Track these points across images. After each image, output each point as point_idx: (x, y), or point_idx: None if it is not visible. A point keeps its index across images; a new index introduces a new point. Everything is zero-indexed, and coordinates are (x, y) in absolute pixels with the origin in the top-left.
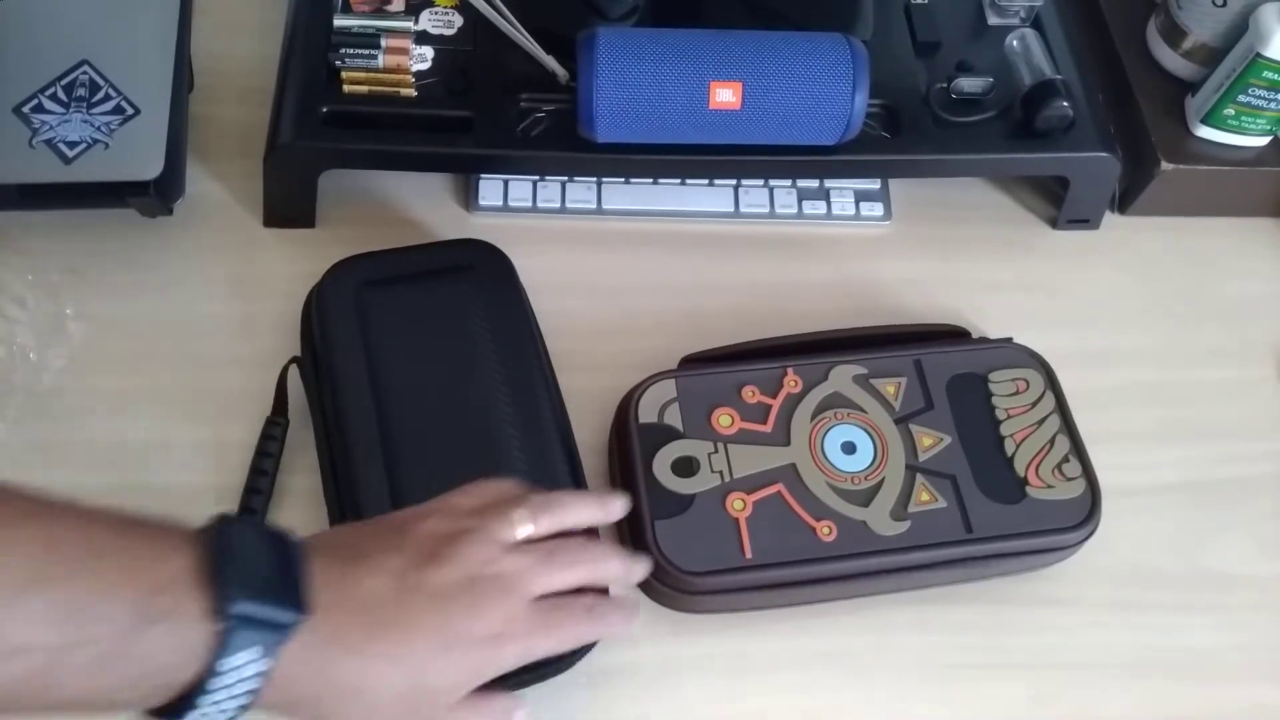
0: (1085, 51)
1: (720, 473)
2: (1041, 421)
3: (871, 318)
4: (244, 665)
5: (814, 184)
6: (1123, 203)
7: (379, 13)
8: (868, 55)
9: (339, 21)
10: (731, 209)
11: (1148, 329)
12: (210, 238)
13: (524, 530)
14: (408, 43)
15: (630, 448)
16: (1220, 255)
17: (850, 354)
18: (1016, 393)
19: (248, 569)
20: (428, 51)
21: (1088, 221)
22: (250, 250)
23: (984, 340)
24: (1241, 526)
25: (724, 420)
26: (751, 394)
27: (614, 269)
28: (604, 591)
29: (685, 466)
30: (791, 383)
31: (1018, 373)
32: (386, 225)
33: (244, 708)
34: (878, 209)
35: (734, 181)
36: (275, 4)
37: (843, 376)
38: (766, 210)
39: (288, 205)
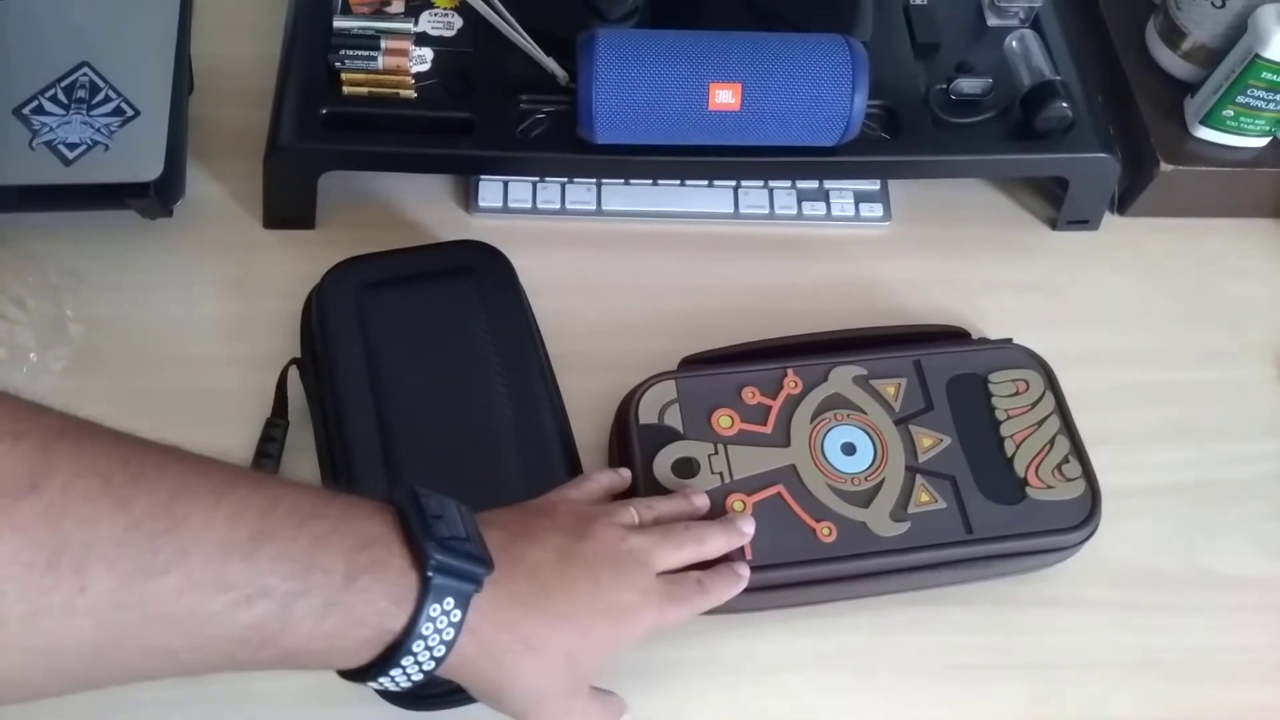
0: (1084, 52)
1: (720, 474)
2: (1041, 422)
3: (871, 318)
4: (443, 615)
5: (813, 185)
6: (1122, 204)
7: (379, 14)
8: (867, 56)
9: (339, 23)
10: (731, 210)
11: (1147, 330)
12: (210, 239)
13: (638, 518)
14: (407, 44)
15: (630, 449)
16: (1219, 256)
17: (850, 355)
18: (1016, 393)
19: (441, 528)
20: (427, 53)
21: (1087, 222)
22: (250, 252)
23: (984, 341)
24: (1241, 527)
25: (724, 421)
26: (751, 395)
27: (613, 270)
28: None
29: (685, 468)
30: (791, 384)
31: (1017, 373)
32: (386, 227)
33: (440, 661)
34: (877, 210)
35: (733, 182)
36: (275, 6)
37: (843, 377)
38: (766, 211)
39: (287, 207)
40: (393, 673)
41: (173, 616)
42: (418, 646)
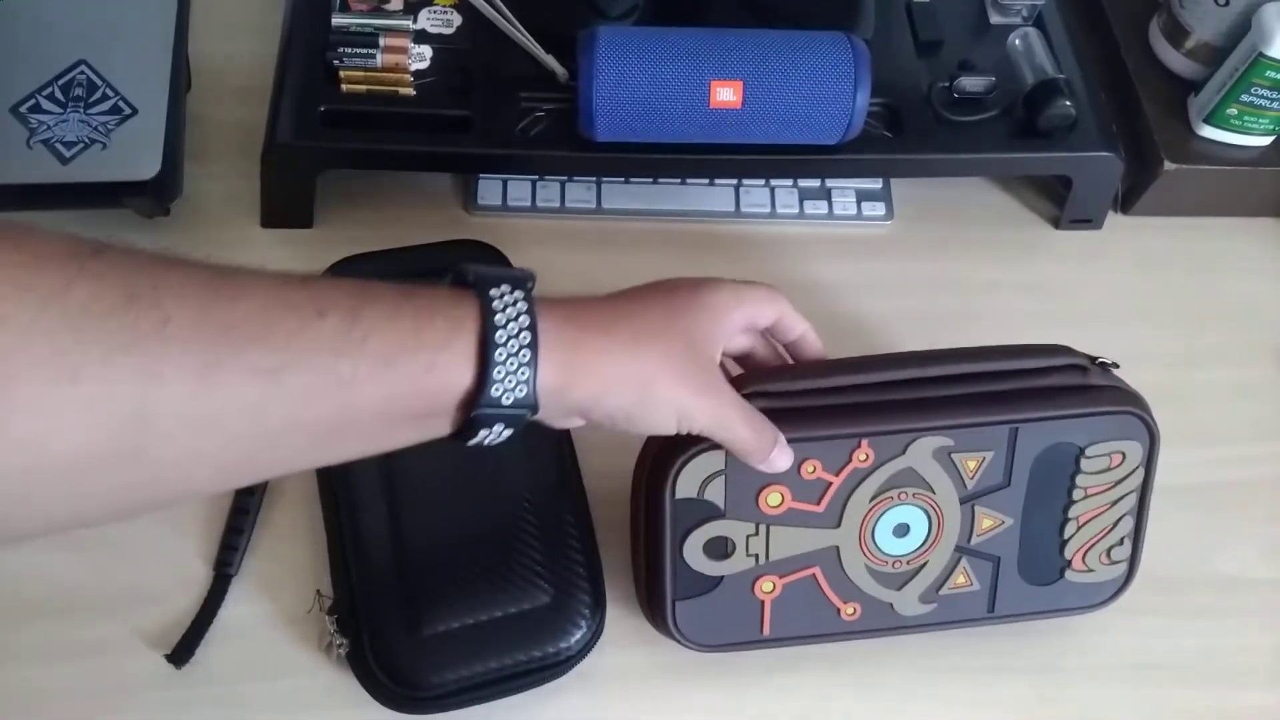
0: (1087, 50)
1: (756, 555)
2: (1116, 502)
3: (873, 317)
4: (507, 297)
5: (815, 183)
6: (1125, 202)
7: (377, 11)
8: (869, 54)
9: (337, 20)
10: (732, 209)
11: (1150, 329)
12: (207, 238)
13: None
14: (406, 42)
15: (660, 527)
16: (1223, 255)
17: (939, 418)
18: (1106, 469)
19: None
20: (426, 50)
21: (1090, 221)
22: (248, 251)
23: (1102, 404)
24: (1245, 529)
25: (773, 499)
26: (811, 469)
27: (614, 269)
28: None
29: (719, 548)
30: (862, 456)
31: (1118, 445)
32: (385, 225)
33: (533, 349)
34: (879, 209)
35: (735, 181)
36: (273, 3)
37: (923, 451)
38: (767, 210)
39: (285, 205)
40: (497, 375)
41: (255, 335)
42: (500, 337)
